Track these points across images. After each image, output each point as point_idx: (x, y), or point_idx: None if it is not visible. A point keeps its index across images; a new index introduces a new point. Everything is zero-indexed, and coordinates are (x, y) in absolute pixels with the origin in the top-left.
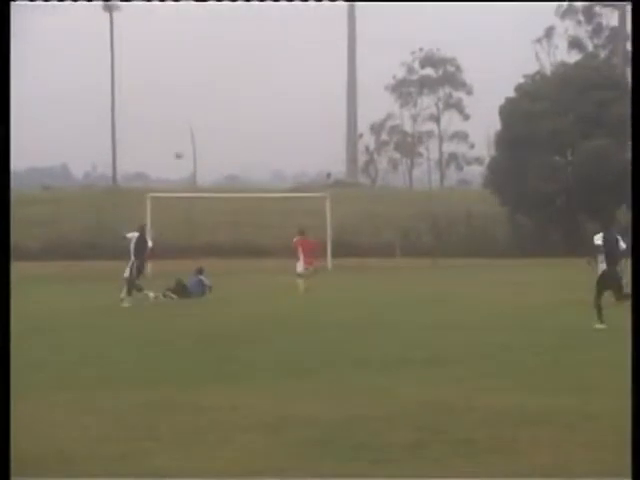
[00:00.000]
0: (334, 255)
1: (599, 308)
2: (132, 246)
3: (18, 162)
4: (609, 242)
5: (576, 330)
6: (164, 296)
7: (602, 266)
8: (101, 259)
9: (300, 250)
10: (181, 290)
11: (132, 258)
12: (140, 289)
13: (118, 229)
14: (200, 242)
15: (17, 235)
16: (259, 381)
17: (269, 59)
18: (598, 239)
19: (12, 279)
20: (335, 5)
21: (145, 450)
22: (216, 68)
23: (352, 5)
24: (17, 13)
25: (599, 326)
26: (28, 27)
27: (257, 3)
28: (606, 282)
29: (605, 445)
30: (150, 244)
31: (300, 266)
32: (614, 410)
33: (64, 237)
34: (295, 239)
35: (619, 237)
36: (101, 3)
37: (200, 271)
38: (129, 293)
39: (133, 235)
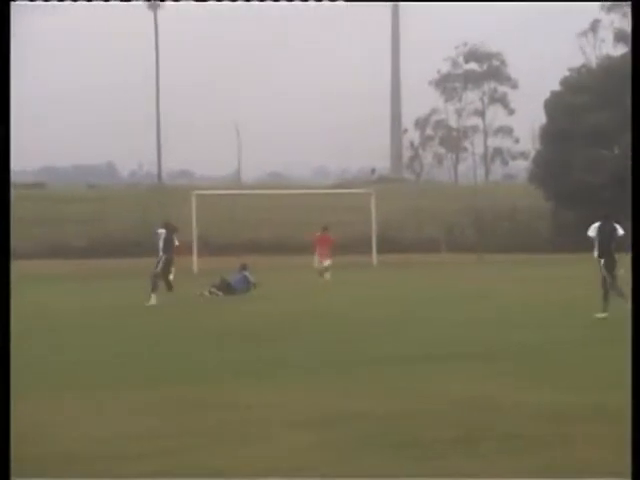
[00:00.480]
0: (379, 251)
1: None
2: (160, 243)
3: (63, 160)
4: (603, 233)
5: (621, 324)
6: (209, 293)
7: (596, 252)
8: (146, 257)
9: (317, 246)
10: (225, 287)
11: (160, 254)
12: (170, 287)
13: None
14: (243, 239)
15: (62, 233)
16: (300, 378)
17: (314, 56)
18: (592, 230)
19: (58, 276)
20: (380, 2)
21: (189, 447)
22: (261, 66)
23: (396, 2)
24: (50, 15)
25: (601, 315)
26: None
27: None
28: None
29: None
30: (176, 242)
31: (316, 261)
32: None
33: (109, 235)
34: (317, 235)
35: (617, 226)
36: (143, 3)
37: (244, 267)
38: (154, 290)
39: (162, 232)
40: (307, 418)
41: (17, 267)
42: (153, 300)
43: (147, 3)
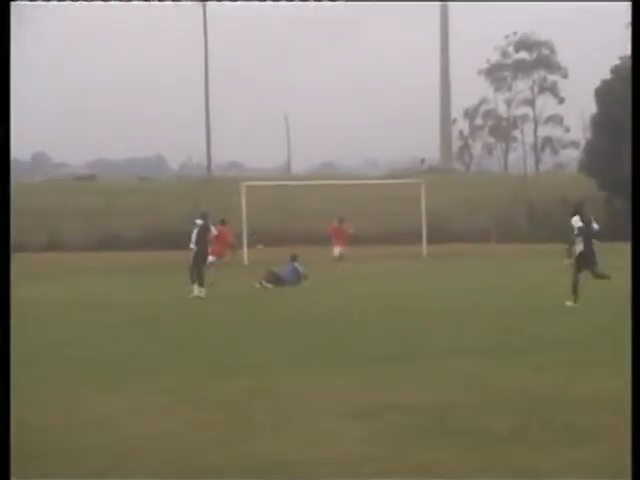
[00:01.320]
0: (428, 241)
1: (575, 286)
2: (194, 235)
3: (115, 153)
4: (584, 224)
5: None
6: (260, 285)
7: (580, 247)
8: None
9: (333, 237)
10: (274, 279)
11: (193, 247)
12: (201, 281)
13: (214, 218)
14: (294, 230)
15: (115, 225)
16: (353, 368)
17: (362, 46)
18: (578, 221)
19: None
20: None
21: (243, 437)
22: (310, 59)
23: None
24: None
25: (570, 304)
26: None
27: None
28: (584, 262)
29: None
30: (214, 231)
31: (336, 251)
32: None
33: (160, 227)
34: (334, 226)
35: (592, 218)
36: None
37: (294, 258)
38: (193, 282)
39: (199, 222)
40: (354, 408)
41: (68, 260)
42: (196, 291)
43: None
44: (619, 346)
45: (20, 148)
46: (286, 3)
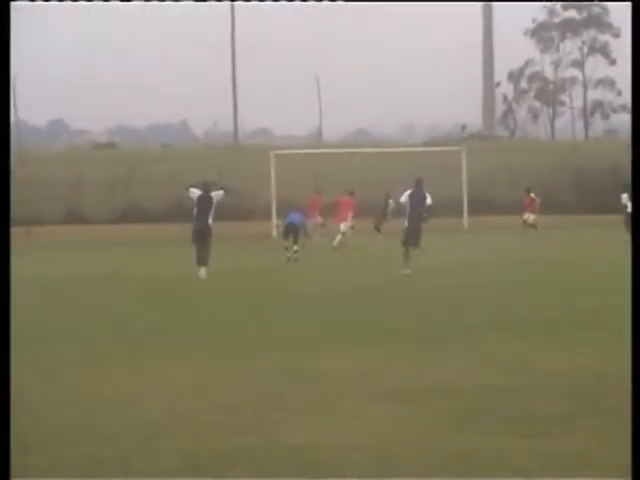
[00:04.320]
0: (470, 213)
1: (405, 257)
2: (195, 208)
3: (137, 120)
4: (414, 198)
5: None
6: (295, 253)
7: (405, 222)
8: (223, 220)
9: (338, 209)
10: (289, 230)
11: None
12: (202, 262)
13: (241, 188)
14: (327, 200)
15: (137, 195)
16: (390, 346)
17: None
18: (404, 197)
19: (136, 241)
20: None
21: (273, 420)
22: (341, 16)
23: None
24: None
25: (405, 272)
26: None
27: None
28: (409, 234)
29: None
30: (217, 196)
31: (344, 226)
32: None
33: (185, 197)
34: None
35: (427, 194)
36: None
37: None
38: (199, 264)
39: (194, 192)
40: (392, 390)
41: (88, 233)
42: (202, 274)
43: None
44: None
45: (37, 114)
46: None
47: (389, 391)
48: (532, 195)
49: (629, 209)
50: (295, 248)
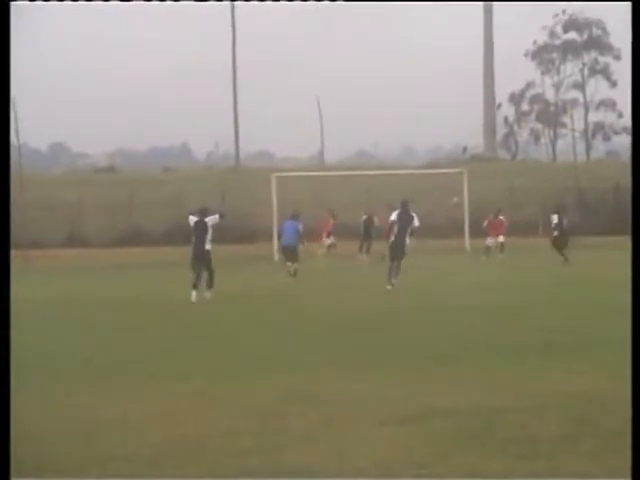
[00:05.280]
0: (471, 235)
1: (390, 271)
2: (192, 234)
3: (137, 143)
4: (403, 218)
5: None
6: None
7: (392, 237)
8: (225, 243)
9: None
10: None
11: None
12: (195, 284)
13: (243, 211)
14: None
15: (138, 219)
16: (393, 369)
17: (403, 27)
18: (393, 215)
19: (137, 264)
20: None
21: (276, 445)
22: (345, 38)
23: None
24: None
25: (389, 287)
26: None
27: None
28: (393, 250)
29: None
30: (213, 220)
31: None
32: None
33: (185, 220)
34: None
35: (414, 215)
36: None
37: (296, 216)
38: (206, 285)
39: (192, 219)
40: (394, 413)
41: (88, 256)
42: (193, 297)
43: None
44: None
45: (38, 138)
46: None
47: (390, 413)
48: (501, 217)
49: (556, 233)
50: (295, 266)
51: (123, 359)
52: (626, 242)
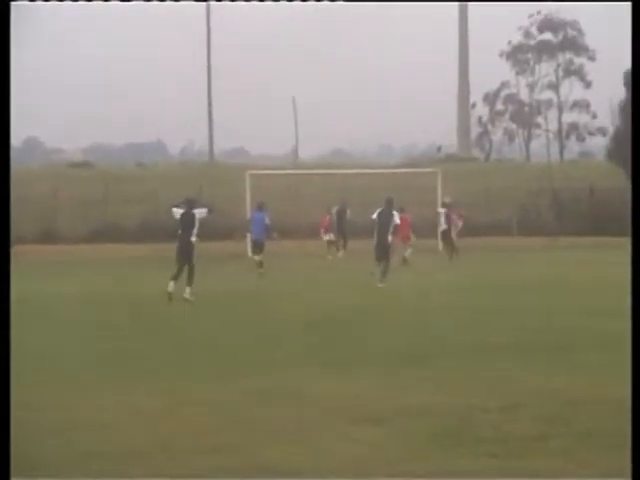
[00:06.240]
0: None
1: (380, 271)
2: (179, 226)
3: (114, 139)
4: (383, 217)
5: None
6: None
7: (375, 237)
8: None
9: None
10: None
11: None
12: (175, 275)
13: (218, 207)
14: (303, 221)
15: (113, 214)
16: (369, 368)
17: (376, 28)
18: (375, 215)
19: (112, 260)
20: None
21: (252, 443)
22: (320, 36)
23: None
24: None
25: (381, 285)
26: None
27: None
28: (378, 250)
29: None
30: (201, 214)
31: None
32: None
33: (162, 216)
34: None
35: (395, 213)
36: None
37: (261, 206)
38: (173, 278)
39: (177, 211)
40: (370, 412)
41: (63, 252)
42: (170, 288)
43: None
44: None
45: (11, 132)
46: None
47: (367, 412)
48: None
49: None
50: (261, 258)
51: (93, 356)
52: (601, 242)
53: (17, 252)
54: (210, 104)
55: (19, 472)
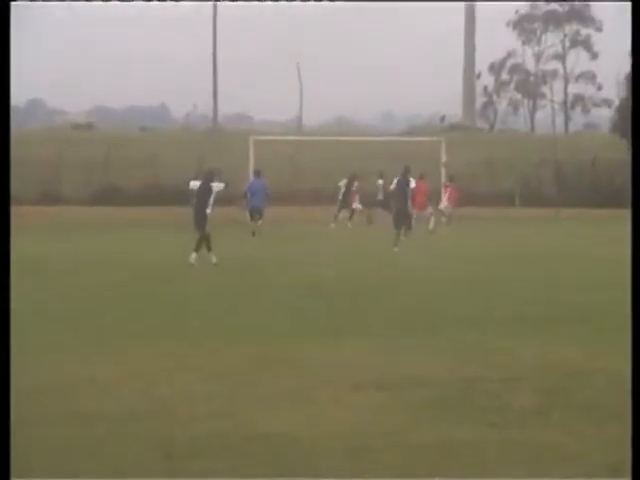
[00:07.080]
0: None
1: (397, 239)
2: (195, 196)
3: (116, 101)
4: (400, 185)
5: None
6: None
7: (394, 207)
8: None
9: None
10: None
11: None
12: (208, 246)
13: (222, 174)
14: (305, 188)
15: (114, 178)
16: (369, 337)
17: None
18: (393, 185)
19: (112, 223)
20: None
21: (250, 409)
22: (324, 6)
23: None
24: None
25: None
26: None
27: None
28: (399, 219)
29: None
30: (218, 187)
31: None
32: None
33: (162, 180)
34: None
35: (411, 179)
36: None
37: (258, 173)
38: (204, 249)
39: (194, 184)
40: (370, 380)
41: (64, 214)
42: (214, 258)
43: None
44: None
45: (14, 93)
46: None
47: (368, 381)
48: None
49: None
50: (259, 223)
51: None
52: (603, 214)
53: (18, 213)
54: (215, 69)
55: (20, 472)
